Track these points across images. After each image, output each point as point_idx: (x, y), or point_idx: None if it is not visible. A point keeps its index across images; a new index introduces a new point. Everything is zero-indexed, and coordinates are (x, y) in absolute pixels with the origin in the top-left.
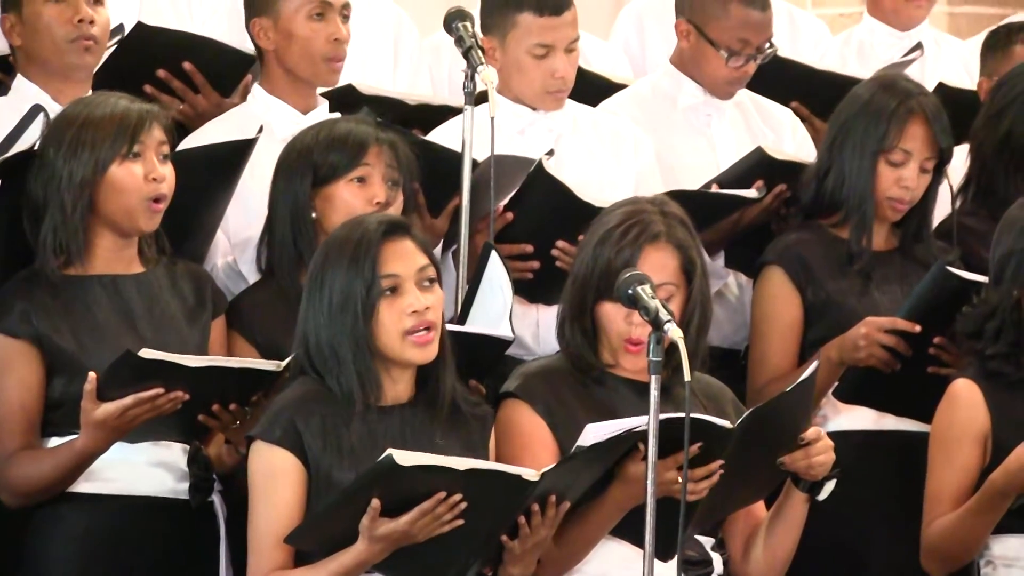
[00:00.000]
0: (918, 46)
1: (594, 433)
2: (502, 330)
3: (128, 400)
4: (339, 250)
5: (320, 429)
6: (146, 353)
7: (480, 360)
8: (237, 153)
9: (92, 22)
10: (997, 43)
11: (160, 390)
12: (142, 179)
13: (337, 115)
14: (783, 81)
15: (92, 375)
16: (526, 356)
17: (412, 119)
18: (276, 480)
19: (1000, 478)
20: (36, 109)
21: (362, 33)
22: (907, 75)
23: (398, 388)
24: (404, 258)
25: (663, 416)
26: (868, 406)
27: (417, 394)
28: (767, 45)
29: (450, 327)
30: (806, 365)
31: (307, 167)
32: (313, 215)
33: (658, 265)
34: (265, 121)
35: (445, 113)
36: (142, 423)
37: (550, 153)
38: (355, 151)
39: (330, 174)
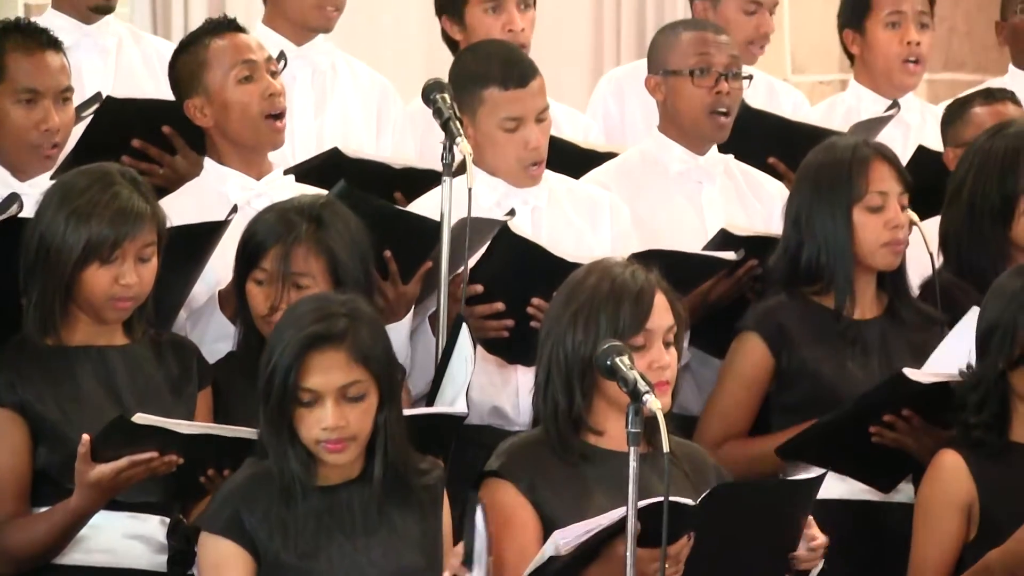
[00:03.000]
0: (895, 104)
1: (563, 538)
2: (457, 406)
3: (123, 462)
4: (271, 347)
5: (265, 515)
6: (139, 419)
7: (439, 435)
8: (208, 234)
9: (58, 130)
10: (954, 113)
11: (154, 453)
12: (110, 283)
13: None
14: (760, 135)
15: (86, 437)
16: (508, 427)
17: (399, 183)
18: (221, 570)
19: (997, 559)
20: (12, 198)
21: (346, 103)
22: (846, 134)
23: (342, 467)
24: (328, 372)
25: (641, 503)
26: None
27: (366, 469)
28: (738, 70)
29: (409, 411)
30: (780, 435)
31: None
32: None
33: (661, 308)
34: (220, 191)
35: (432, 178)
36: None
37: (511, 213)
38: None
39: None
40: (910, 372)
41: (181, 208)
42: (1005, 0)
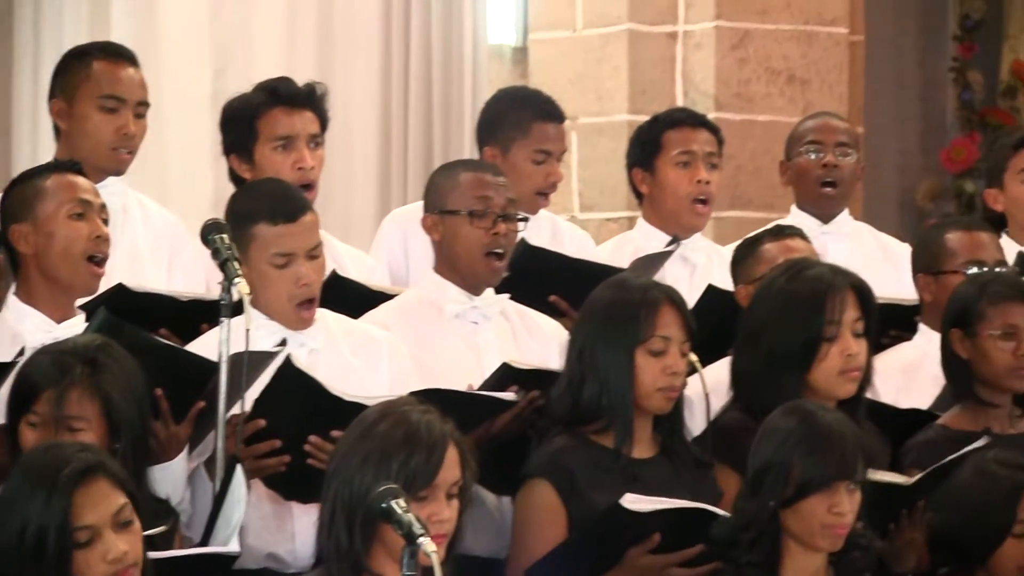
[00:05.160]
0: (675, 239)
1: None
2: (230, 546)
3: None
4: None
5: None
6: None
7: None
8: None
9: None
10: (744, 251)
11: None
12: None
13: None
14: (540, 273)
15: None
16: (285, 570)
17: (187, 316)
18: None
19: None
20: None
21: (136, 243)
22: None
23: None
24: (99, 503)
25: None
26: None
27: None
28: (514, 212)
29: (178, 552)
30: None
31: None
32: None
33: (451, 462)
34: (16, 331)
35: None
36: None
37: (282, 343)
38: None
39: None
40: (628, 501)
41: None
42: (789, 141)
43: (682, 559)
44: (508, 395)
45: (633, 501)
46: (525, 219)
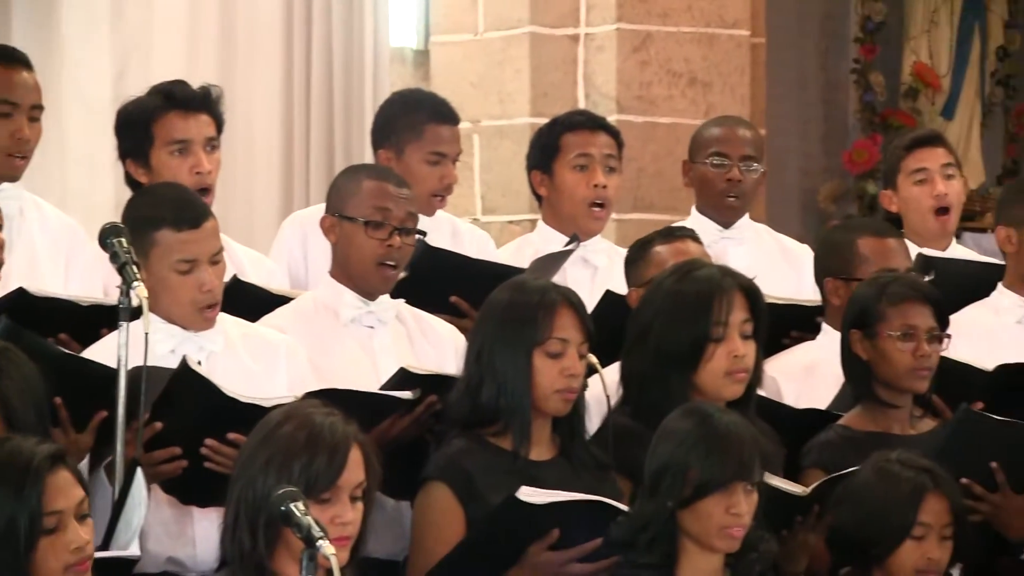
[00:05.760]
0: (574, 238)
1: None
2: (130, 550)
3: None
4: None
5: None
6: None
7: None
8: None
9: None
10: (635, 254)
11: None
12: None
13: None
14: (439, 274)
15: None
16: (186, 573)
17: (87, 320)
18: None
19: None
20: None
21: (34, 246)
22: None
23: None
24: (66, 489)
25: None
26: None
27: None
28: (412, 225)
29: None
30: None
31: None
32: None
33: (355, 464)
34: None
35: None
36: None
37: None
38: None
39: None
40: (524, 494)
41: None
42: (694, 143)
43: (581, 554)
44: (405, 393)
45: (529, 494)
46: (423, 233)
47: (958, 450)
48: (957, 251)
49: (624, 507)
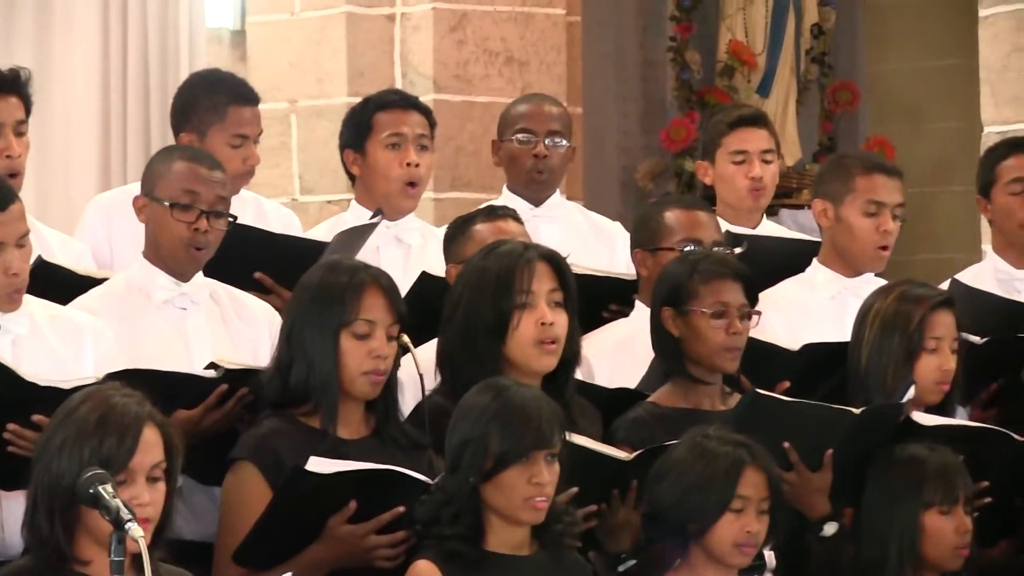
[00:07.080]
0: (378, 212)
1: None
2: None
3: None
4: None
5: None
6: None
7: None
8: None
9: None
10: (456, 230)
11: None
12: None
13: None
14: (245, 251)
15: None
16: None
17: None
18: None
19: None
20: None
21: None
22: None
23: None
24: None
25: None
26: None
27: None
28: (223, 208)
29: None
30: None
31: None
32: None
33: (150, 444)
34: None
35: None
36: None
37: None
38: None
39: None
40: (312, 464)
41: None
42: (502, 122)
43: (379, 524)
44: (209, 372)
45: (316, 464)
46: (234, 218)
47: (749, 432)
48: (769, 227)
49: (426, 478)
